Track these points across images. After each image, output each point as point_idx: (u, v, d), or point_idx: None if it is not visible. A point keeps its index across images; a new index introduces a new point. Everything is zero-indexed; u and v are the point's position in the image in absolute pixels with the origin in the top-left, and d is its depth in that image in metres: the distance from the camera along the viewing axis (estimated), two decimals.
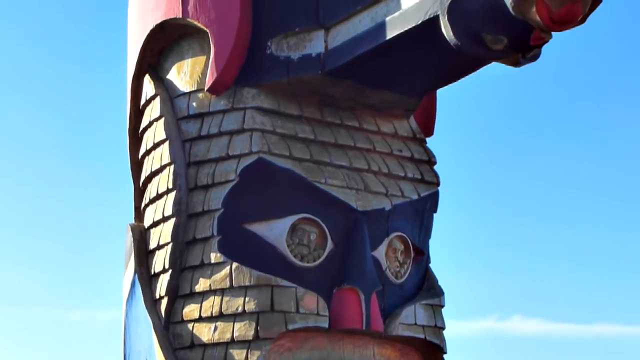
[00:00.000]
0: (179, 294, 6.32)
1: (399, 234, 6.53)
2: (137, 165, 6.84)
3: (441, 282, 6.84)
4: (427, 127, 6.98)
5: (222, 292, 6.11)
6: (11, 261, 20.28)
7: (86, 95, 20.78)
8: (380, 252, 6.42)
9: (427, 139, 6.96)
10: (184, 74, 6.56)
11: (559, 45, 5.89)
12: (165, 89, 6.64)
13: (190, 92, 6.49)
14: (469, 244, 18.47)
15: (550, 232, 20.24)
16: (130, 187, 6.98)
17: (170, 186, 6.35)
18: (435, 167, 6.87)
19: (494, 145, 20.81)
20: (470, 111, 16.96)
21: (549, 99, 20.30)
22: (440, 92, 6.96)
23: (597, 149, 20.79)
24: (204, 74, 6.41)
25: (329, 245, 6.25)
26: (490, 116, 19.72)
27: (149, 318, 6.33)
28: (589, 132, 20.81)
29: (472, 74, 6.29)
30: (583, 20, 5.44)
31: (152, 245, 6.53)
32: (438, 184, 6.84)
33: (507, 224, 20.51)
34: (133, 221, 6.94)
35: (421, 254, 6.79)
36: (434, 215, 6.88)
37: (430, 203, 6.79)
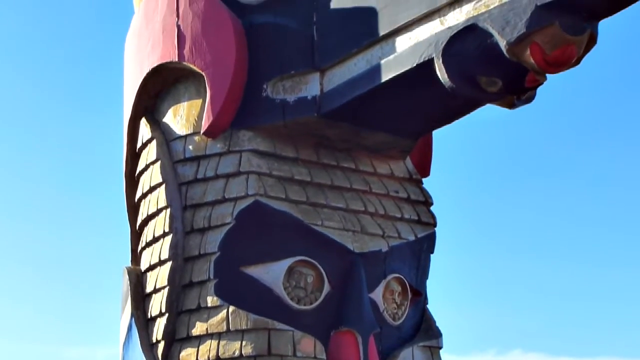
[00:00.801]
0: (176, 338, 6.28)
1: (396, 275, 6.51)
2: (133, 208, 6.84)
3: (439, 318, 6.84)
4: (423, 167, 6.99)
5: (219, 335, 6.09)
6: (10, 297, 20.23)
7: (83, 137, 20.86)
8: (377, 294, 6.40)
9: (424, 180, 6.97)
10: (180, 117, 6.57)
11: (554, 86, 5.92)
12: (162, 132, 6.65)
13: (186, 135, 6.50)
14: (467, 281, 18.45)
15: (548, 267, 20.24)
16: (127, 229, 6.97)
17: (167, 229, 6.34)
18: (432, 208, 6.88)
19: (489, 184, 20.85)
20: (466, 152, 17.01)
21: (543, 140, 20.39)
22: (436, 133, 6.98)
23: (594, 185, 20.83)
24: (200, 117, 6.42)
25: (326, 287, 6.23)
26: (485, 156, 19.77)
27: None
28: (585, 170, 20.86)
29: (468, 115, 6.32)
30: (577, 62, 5.48)
31: (149, 288, 6.51)
32: (435, 225, 6.83)
33: (506, 260, 20.52)
34: (130, 264, 6.92)
35: (418, 295, 6.77)
36: (431, 255, 6.88)
37: (427, 244, 6.78)
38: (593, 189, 20.71)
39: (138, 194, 6.73)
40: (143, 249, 6.67)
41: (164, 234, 6.37)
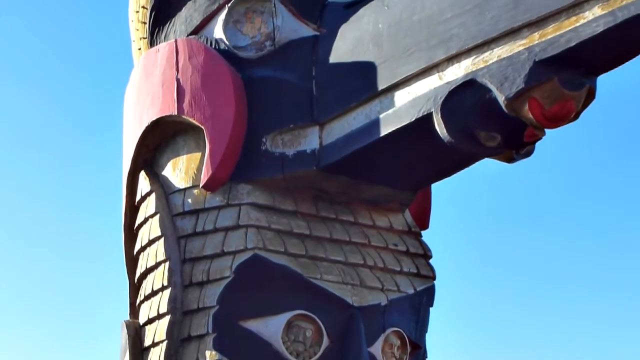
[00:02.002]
0: None
1: (396, 329, 6.48)
2: (132, 261, 6.82)
3: None
4: (422, 220, 6.99)
5: None
6: (9, 352, 20.11)
7: (81, 190, 20.86)
8: (376, 348, 6.37)
9: (423, 233, 6.97)
10: (179, 171, 6.58)
11: (553, 141, 5.95)
12: (161, 185, 6.65)
13: (185, 189, 6.50)
14: (467, 334, 18.36)
15: (551, 319, 20.14)
16: (125, 283, 6.95)
17: (165, 283, 6.31)
18: (431, 261, 6.87)
19: (488, 237, 20.83)
20: (465, 204, 17.03)
21: (542, 192, 20.40)
22: (435, 186, 6.99)
23: (595, 243, 20.81)
24: (199, 170, 6.43)
25: (325, 341, 6.20)
26: (484, 209, 19.79)
27: None
28: (585, 223, 20.85)
29: (467, 168, 6.35)
30: (576, 117, 5.52)
31: (147, 342, 6.47)
32: (434, 278, 6.82)
33: (507, 313, 20.42)
34: (128, 317, 6.90)
35: (418, 349, 6.73)
36: (430, 309, 6.86)
37: (426, 297, 6.77)
38: (594, 240, 20.70)
39: (137, 247, 6.72)
40: (142, 302, 6.64)
41: (163, 288, 6.35)
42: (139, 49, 7.10)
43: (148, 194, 6.65)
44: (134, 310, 6.82)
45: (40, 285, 20.97)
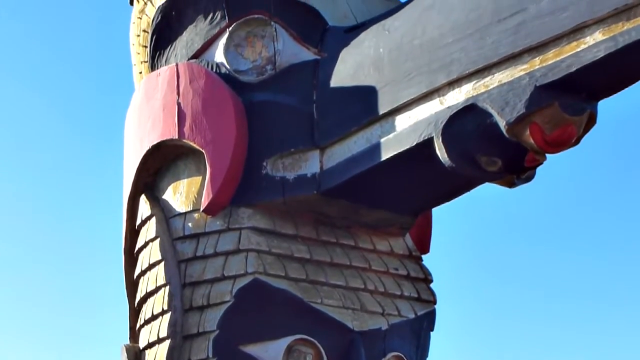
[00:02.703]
0: None
1: (396, 353, 6.46)
2: (132, 285, 6.80)
3: None
4: (423, 244, 6.99)
5: None
6: None
7: (82, 214, 20.86)
8: None
9: (423, 257, 6.95)
10: (179, 194, 6.57)
11: (553, 165, 5.95)
12: (161, 209, 6.64)
13: (186, 213, 6.49)
14: (468, 359, 18.30)
15: (553, 345, 20.07)
16: (125, 306, 6.93)
17: (166, 307, 6.29)
18: (432, 285, 6.85)
19: (489, 261, 20.80)
20: (466, 228, 17.02)
21: (543, 216, 20.38)
22: (436, 210, 6.98)
23: (596, 264, 20.77)
24: (200, 194, 6.42)
25: None
26: (485, 233, 19.77)
27: None
28: (587, 246, 20.83)
29: (467, 193, 6.34)
30: (577, 142, 5.52)
31: None
32: (434, 302, 6.80)
33: (508, 338, 20.36)
34: (128, 341, 6.87)
35: None
36: (431, 333, 6.84)
37: (427, 321, 6.74)
38: (596, 264, 20.67)
39: (137, 271, 6.70)
40: (142, 326, 6.62)
41: (163, 312, 6.33)
42: (140, 72, 7.12)
43: (148, 218, 6.64)
44: (134, 334, 6.79)
45: (39, 309, 20.93)
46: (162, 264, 6.39)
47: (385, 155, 5.92)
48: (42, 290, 20.98)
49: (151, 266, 6.50)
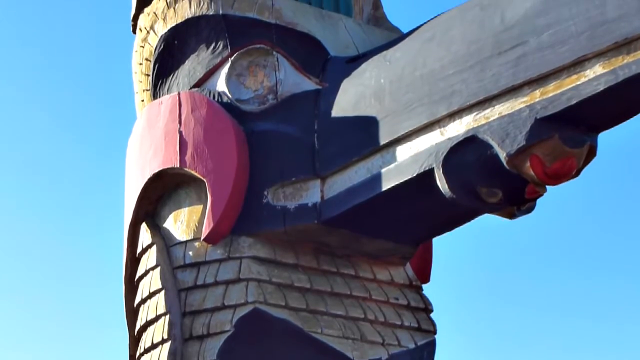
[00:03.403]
0: None
1: None
2: (132, 313, 6.80)
3: None
4: (423, 274, 6.98)
5: None
6: None
7: (82, 242, 20.89)
8: None
9: (424, 286, 6.95)
10: (180, 223, 6.58)
11: (554, 196, 5.96)
12: (162, 237, 6.64)
13: (186, 241, 6.50)
14: None
15: None
16: (125, 335, 6.92)
17: (165, 336, 6.28)
18: (432, 315, 6.84)
19: (489, 291, 20.76)
20: (466, 258, 17.01)
21: (543, 247, 20.38)
22: (436, 239, 6.99)
23: (599, 292, 20.73)
24: (200, 223, 6.43)
25: None
26: (485, 263, 19.74)
27: None
28: (588, 276, 20.79)
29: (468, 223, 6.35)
30: (577, 174, 5.54)
31: None
32: (435, 332, 6.78)
33: None
34: None
35: None
36: None
37: (427, 351, 6.72)
38: (598, 295, 20.63)
39: (137, 300, 6.69)
40: (141, 355, 6.59)
41: (163, 341, 6.31)
42: (142, 100, 7.14)
43: (149, 246, 6.65)
44: None
45: (38, 339, 20.89)
46: (163, 292, 6.39)
47: (386, 185, 5.93)
48: (38, 317, 20.95)
49: (151, 295, 6.49)
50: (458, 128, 5.64)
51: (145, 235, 6.72)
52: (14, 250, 20.94)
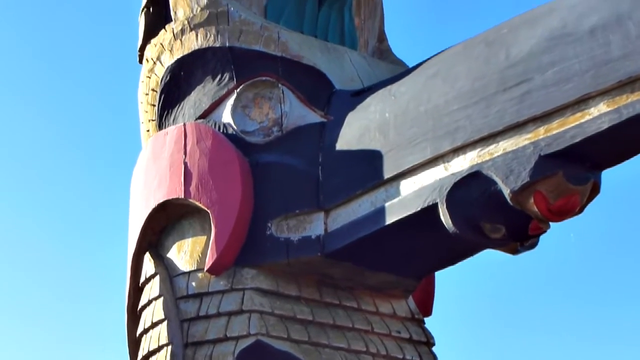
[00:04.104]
0: None
1: None
2: (134, 343, 6.78)
3: None
4: (426, 307, 6.98)
5: None
6: None
7: (86, 271, 20.87)
8: None
9: (425, 319, 6.94)
10: (184, 253, 6.59)
11: (557, 233, 5.98)
12: (165, 267, 6.65)
13: (190, 272, 6.50)
14: None
15: None
16: None
17: None
18: (434, 348, 6.84)
19: (491, 325, 20.70)
20: (468, 292, 16.98)
21: (546, 284, 20.34)
22: (439, 273, 6.99)
23: (601, 326, 20.67)
24: (204, 253, 6.44)
25: None
26: (487, 297, 19.70)
27: None
28: (591, 311, 20.73)
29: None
30: (580, 211, 5.55)
31: None
32: None
33: None
34: None
35: None
36: None
37: None
38: (600, 330, 20.57)
39: (139, 329, 6.68)
40: None
41: None
42: (148, 130, 7.17)
43: (152, 276, 6.65)
44: None
45: None
46: (165, 323, 6.38)
47: (390, 219, 5.95)
48: (42, 349, 20.93)
49: (154, 325, 6.49)
50: (462, 163, 5.66)
51: (148, 265, 6.73)
52: (19, 273, 20.95)
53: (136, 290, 6.87)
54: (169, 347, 6.30)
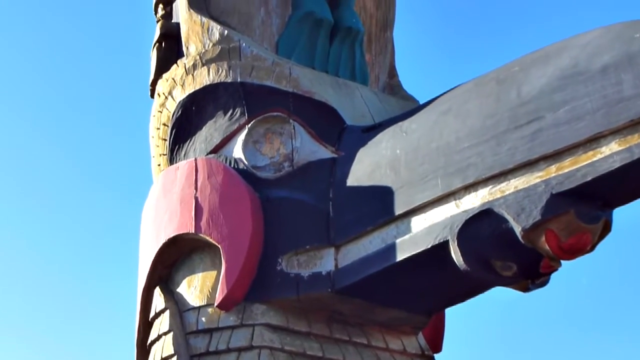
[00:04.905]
0: None
1: None
2: None
3: None
4: (436, 343, 6.96)
5: None
6: None
7: (96, 307, 20.86)
8: None
9: (436, 356, 6.92)
10: (194, 288, 6.58)
11: (568, 271, 5.96)
12: (175, 302, 6.64)
13: (200, 307, 6.49)
14: None
15: None
16: None
17: None
18: None
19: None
20: (478, 328, 16.91)
21: (557, 321, 20.23)
22: (449, 309, 6.97)
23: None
24: (214, 288, 6.43)
25: None
26: (498, 334, 19.61)
27: None
28: (601, 355, 20.61)
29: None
30: (592, 249, 5.53)
31: None
32: None
33: None
34: None
35: None
36: None
37: None
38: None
39: None
40: None
41: None
42: (159, 165, 7.19)
43: (162, 311, 6.64)
44: None
45: None
46: (175, 358, 6.36)
47: (401, 256, 5.94)
48: None
49: None
50: (473, 201, 5.65)
51: (158, 299, 6.72)
52: (27, 302, 20.95)
53: (146, 324, 6.86)
54: None
